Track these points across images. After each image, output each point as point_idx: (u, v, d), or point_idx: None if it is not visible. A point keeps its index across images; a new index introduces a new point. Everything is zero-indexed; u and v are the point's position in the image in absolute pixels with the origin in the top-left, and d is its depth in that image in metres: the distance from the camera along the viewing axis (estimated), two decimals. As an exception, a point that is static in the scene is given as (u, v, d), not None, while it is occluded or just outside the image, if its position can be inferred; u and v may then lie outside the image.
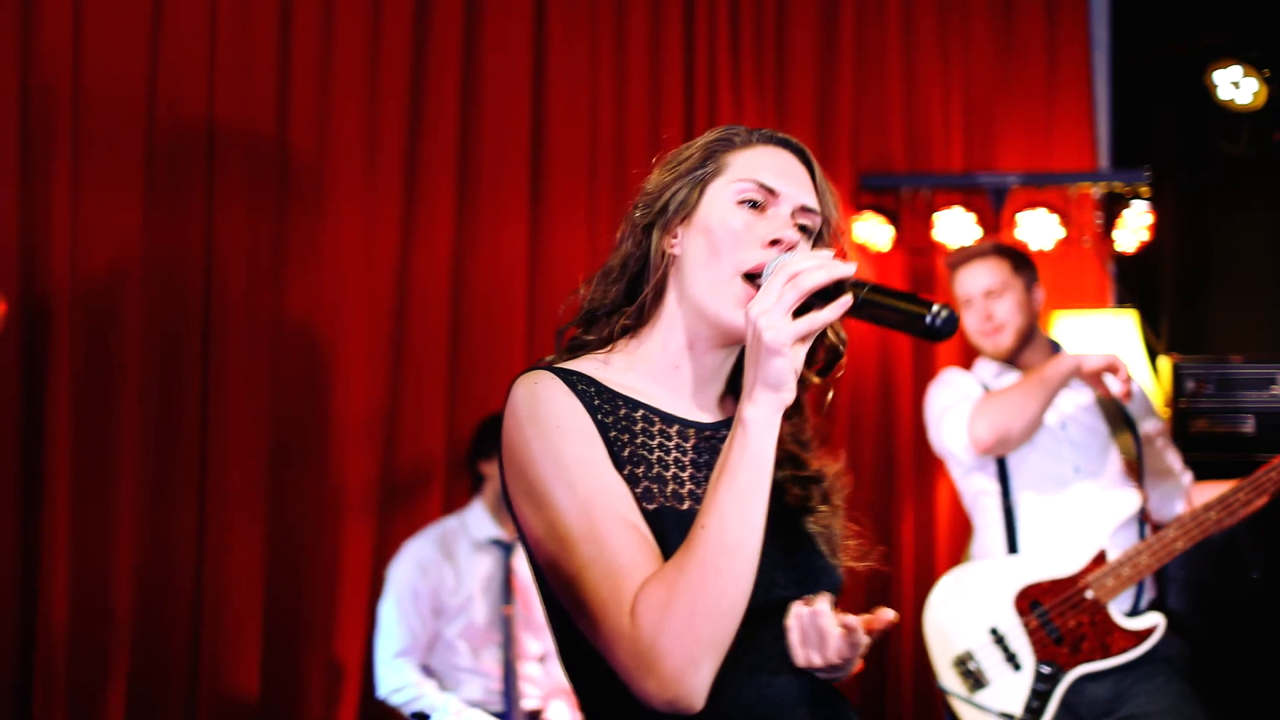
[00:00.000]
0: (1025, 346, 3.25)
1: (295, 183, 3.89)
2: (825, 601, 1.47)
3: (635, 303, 1.56)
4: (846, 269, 1.36)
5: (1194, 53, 4.47)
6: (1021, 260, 3.30)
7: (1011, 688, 3.02)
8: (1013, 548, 3.15)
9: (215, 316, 3.76)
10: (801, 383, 1.47)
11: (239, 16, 3.82)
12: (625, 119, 4.31)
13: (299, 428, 3.89)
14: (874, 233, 4.44)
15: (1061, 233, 4.39)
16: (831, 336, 1.59)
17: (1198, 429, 3.86)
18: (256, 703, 3.74)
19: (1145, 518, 3.19)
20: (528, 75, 4.19)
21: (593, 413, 1.45)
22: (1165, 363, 4.06)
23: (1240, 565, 3.81)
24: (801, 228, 1.54)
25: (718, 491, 1.34)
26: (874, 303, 1.36)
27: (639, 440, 1.48)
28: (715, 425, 1.57)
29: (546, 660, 3.57)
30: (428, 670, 3.53)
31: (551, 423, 1.42)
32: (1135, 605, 3.07)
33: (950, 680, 3.08)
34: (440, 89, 4.07)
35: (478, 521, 3.60)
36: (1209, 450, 3.69)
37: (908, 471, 4.49)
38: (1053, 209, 4.38)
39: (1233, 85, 4.37)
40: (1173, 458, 3.25)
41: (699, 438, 1.53)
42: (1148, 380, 4.01)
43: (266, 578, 3.79)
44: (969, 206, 4.41)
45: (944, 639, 3.11)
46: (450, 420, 4.01)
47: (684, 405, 1.56)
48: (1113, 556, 3.02)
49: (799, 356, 1.36)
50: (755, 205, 1.52)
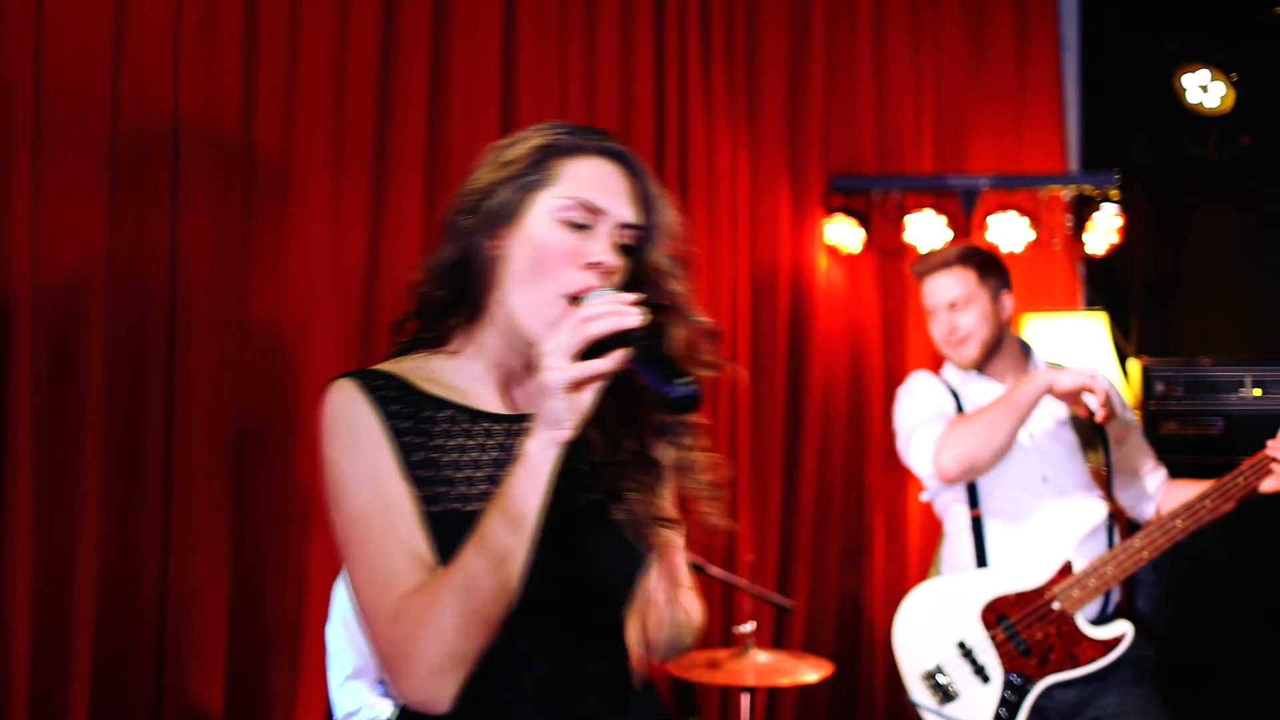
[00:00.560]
0: (993, 354, 3.24)
1: (261, 182, 3.84)
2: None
3: (463, 302, 1.58)
4: (631, 321, 1.38)
5: (1163, 56, 4.49)
6: (989, 267, 3.25)
7: (981, 700, 3.03)
8: (980, 558, 3.14)
9: (180, 318, 3.70)
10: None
11: (204, 13, 3.77)
12: (595, 119, 4.28)
13: (265, 431, 3.84)
14: (845, 235, 4.43)
15: (1032, 235, 4.40)
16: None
17: (1167, 431, 3.88)
18: (221, 712, 3.68)
19: (1120, 520, 3.19)
20: (497, 74, 4.16)
21: (388, 418, 1.49)
22: (1135, 365, 4.08)
23: (1208, 566, 3.83)
24: (624, 247, 1.55)
25: (489, 516, 1.39)
26: (637, 363, 1.38)
27: (435, 443, 1.52)
28: (526, 417, 1.58)
29: None
30: (384, 685, 3.47)
31: (342, 432, 1.49)
32: (1103, 611, 3.07)
33: (920, 694, 3.09)
34: (408, 88, 4.03)
35: None
36: (1178, 452, 3.71)
37: (878, 480, 4.49)
38: (1023, 211, 4.39)
39: (1201, 89, 4.39)
40: (1145, 456, 3.25)
41: (506, 433, 1.56)
42: (1117, 380, 4.01)
43: (231, 584, 3.74)
44: (940, 209, 4.42)
45: (913, 653, 3.12)
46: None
47: (496, 400, 1.59)
48: (1079, 566, 3.01)
49: (581, 399, 1.37)
50: (578, 225, 1.53)
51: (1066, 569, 3.02)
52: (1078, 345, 4.20)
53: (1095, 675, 3.00)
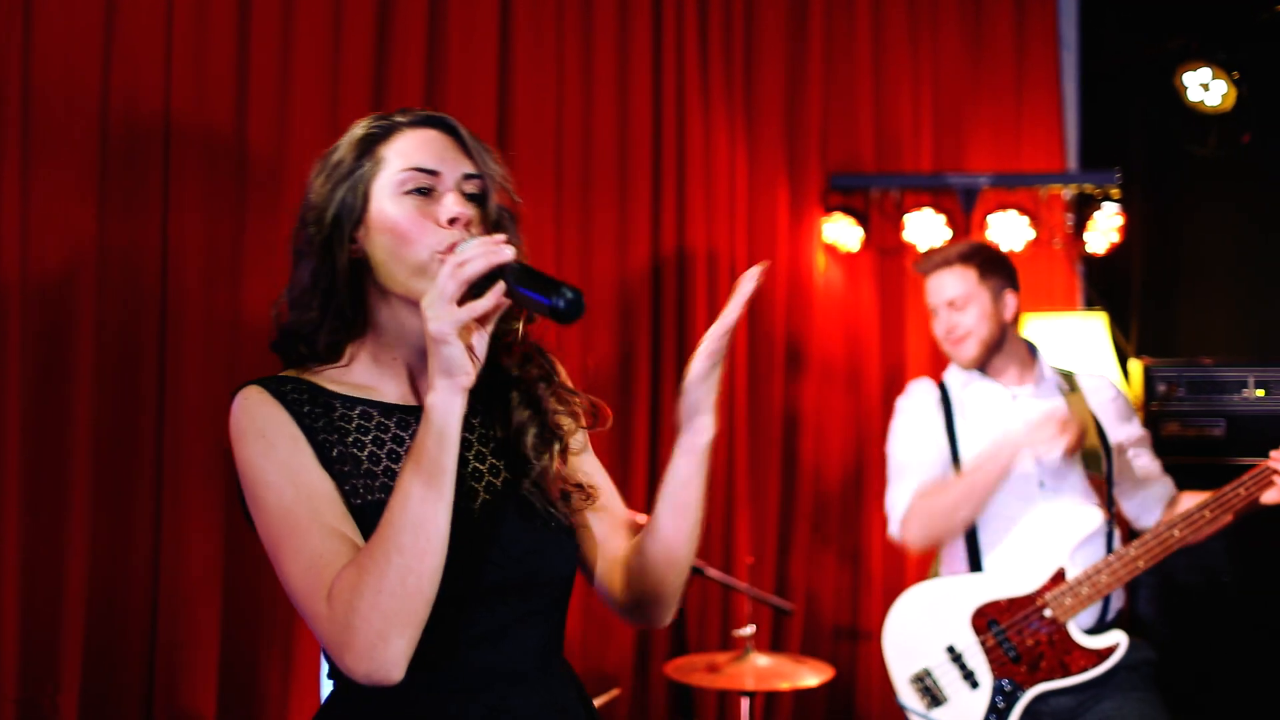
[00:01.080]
0: (995, 354, 3.21)
1: (254, 178, 3.79)
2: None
3: (338, 316, 1.60)
4: (506, 254, 1.41)
5: (1163, 54, 4.46)
6: (991, 266, 3.21)
7: (969, 705, 3.01)
8: (974, 562, 3.12)
9: (171, 315, 3.66)
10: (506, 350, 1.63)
11: (196, 8, 3.72)
12: (592, 119, 4.25)
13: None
14: (843, 234, 4.40)
15: (1032, 234, 4.37)
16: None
17: (1169, 432, 3.85)
18: (214, 714, 3.64)
19: (1122, 529, 3.16)
20: (493, 73, 4.12)
21: (301, 418, 1.53)
22: (1137, 366, 4.05)
23: (1211, 570, 3.81)
24: (470, 196, 1.59)
25: (403, 474, 1.42)
26: (517, 291, 1.41)
27: (350, 439, 1.56)
28: None
29: None
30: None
31: (254, 433, 1.52)
32: (1101, 618, 3.03)
33: (908, 697, 3.08)
34: (403, 86, 3.99)
35: None
36: (1181, 454, 3.69)
37: (877, 481, 4.45)
38: (1023, 210, 4.36)
39: (1202, 87, 4.36)
40: (1150, 465, 3.20)
41: (418, 423, 1.57)
42: (1120, 382, 3.98)
43: (225, 584, 3.70)
44: (939, 208, 4.39)
45: (901, 656, 3.11)
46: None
47: (410, 393, 1.64)
48: (1073, 574, 2.98)
49: (479, 343, 1.42)
50: (422, 191, 1.57)
51: (1059, 576, 2.99)
52: (1077, 345, 4.17)
53: (1092, 681, 2.97)
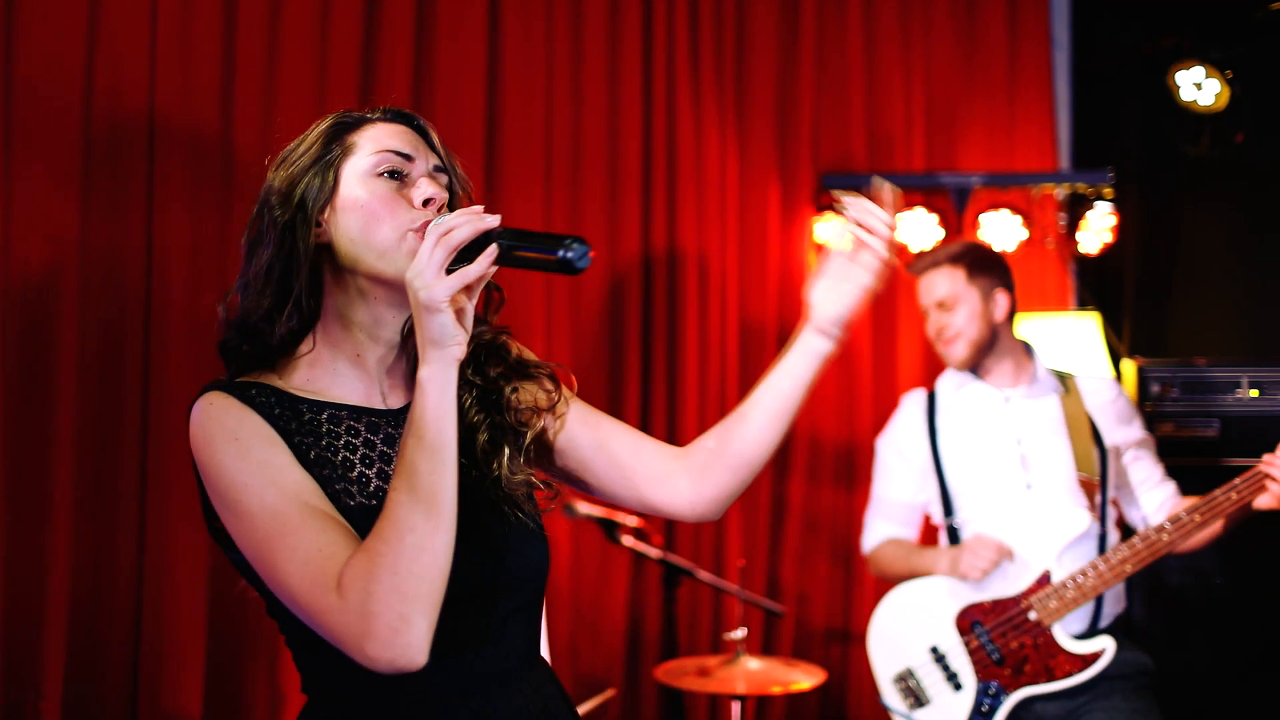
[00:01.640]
0: (987, 355, 3.18)
1: (240, 177, 3.76)
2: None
3: (295, 304, 1.55)
4: (491, 221, 1.40)
5: (1156, 53, 4.45)
6: (981, 266, 3.19)
7: (953, 707, 2.99)
8: None
9: (156, 316, 3.62)
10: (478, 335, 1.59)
11: (181, 5, 3.69)
12: (582, 118, 4.22)
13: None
14: (835, 233, 4.37)
15: (1024, 234, 4.35)
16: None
17: (1163, 433, 3.83)
18: (199, 719, 3.60)
19: (1119, 530, 3.13)
20: (482, 70, 4.08)
21: (273, 421, 1.49)
22: (1130, 366, 4.03)
23: (1203, 572, 3.78)
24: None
25: (405, 451, 1.39)
26: (516, 248, 1.40)
27: (324, 442, 1.52)
28: (408, 408, 1.55)
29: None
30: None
31: (228, 436, 1.46)
32: (1093, 623, 3.00)
33: (891, 697, 3.07)
34: (391, 84, 3.95)
35: None
36: (1175, 454, 3.66)
37: (869, 483, 4.41)
38: (1016, 210, 4.34)
39: (1195, 86, 4.35)
40: (1149, 471, 3.17)
41: (389, 426, 1.57)
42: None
43: (210, 589, 3.66)
44: (931, 207, 4.37)
45: (885, 656, 3.10)
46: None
47: (374, 395, 1.59)
48: (1059, 577, 2.95)
49: (466, 313, 1.40)
50: (394, 175, 1.55)
51: (1045, 578, 2.97)
52: (1070, 345, 4.15)
53: (1082, 688, 2.94)
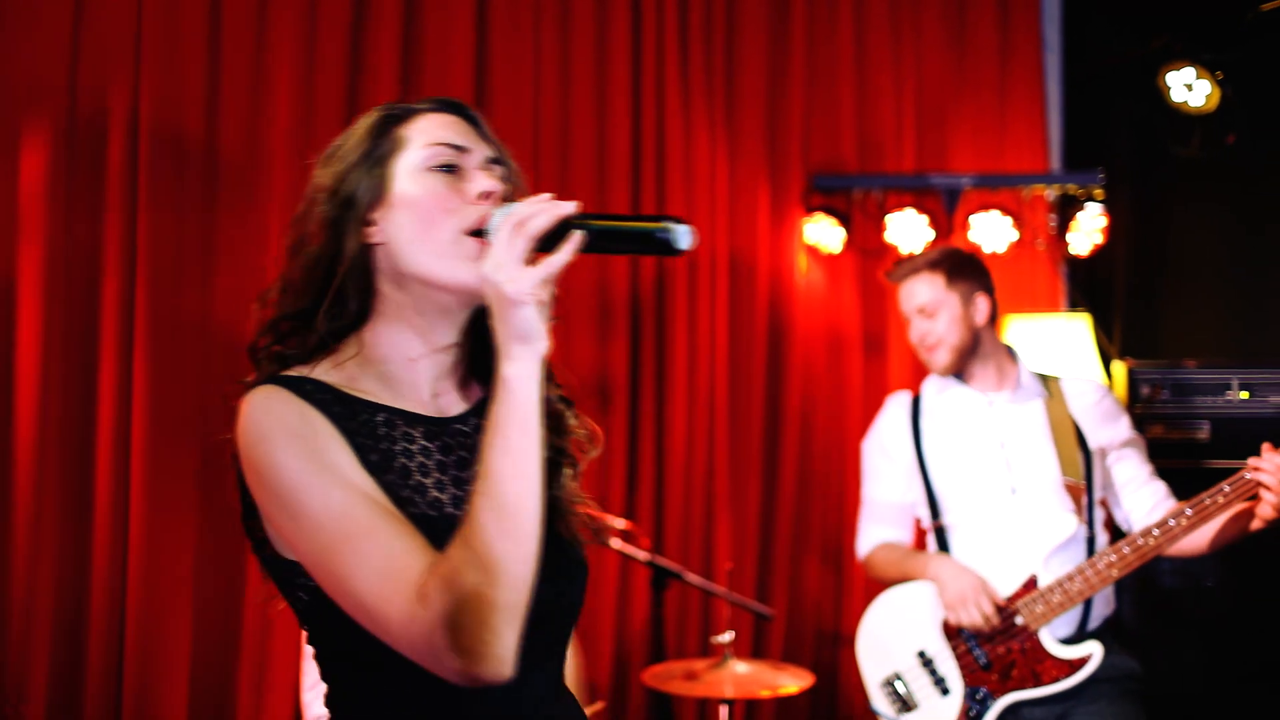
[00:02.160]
0: (971, 359, 3.15)
1: (225, 177, 3.74)
2: None
3: (336, 304, 1.49)
4: (569, 207, 1.34)
5: (1147, 55, 4.43)
6: (959, 270, 3.16)
7: (940, 712, 2.97)
8: None
9: (140, 319, 3.59)
10: None
11: (167, 5, 3.66)
12: (570, 119, 4.20)
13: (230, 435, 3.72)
14: (825, 234, 4.35)
15: (1015, 235, 4.33)
16: None
17: (1153, 435, 3.81)
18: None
19: (1108, 533, 3.11)
20: (469, 71, 4.07)
21: (333, 419, 1.40)
22: (1120, 368, 4.01)
23: (1195, 574, 3.77)
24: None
25: (489, 454, 1.31)
26: (606, 232, 1.35)
27: (382, 446, 1.43)
28: (461, 418, 1.51)
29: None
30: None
31: (288, 433, 1.37)
32: (1081, 627, 2.98)
33: (879, 701, 3.06)
34: (377, 83, 3.93)
35: None
36: (1165, 457, 3.64)
37: (859, 484, 4.40)
38: (1006, 211, 4.32)
39: (1186, 87, 4.33)
40: (1136, 469, 3.15)
41: (445, 435, 1.49)
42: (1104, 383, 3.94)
43: (195, 596, 3.63)
44: (921, 208, 4.35)
45: (873, 660, 3.09)
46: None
47: (424, 402, 1.51)
48: (1046, 581, 2.94)
49: (546, 307, 1.33)
50: (448, 169, 1.48)
51: (1031, 583, 2.95)
52: (1061, 347, 4.13)
53: (1068, 693, 2.93)
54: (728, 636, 3.35)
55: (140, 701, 3.54)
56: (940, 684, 2.99)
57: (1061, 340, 4.16)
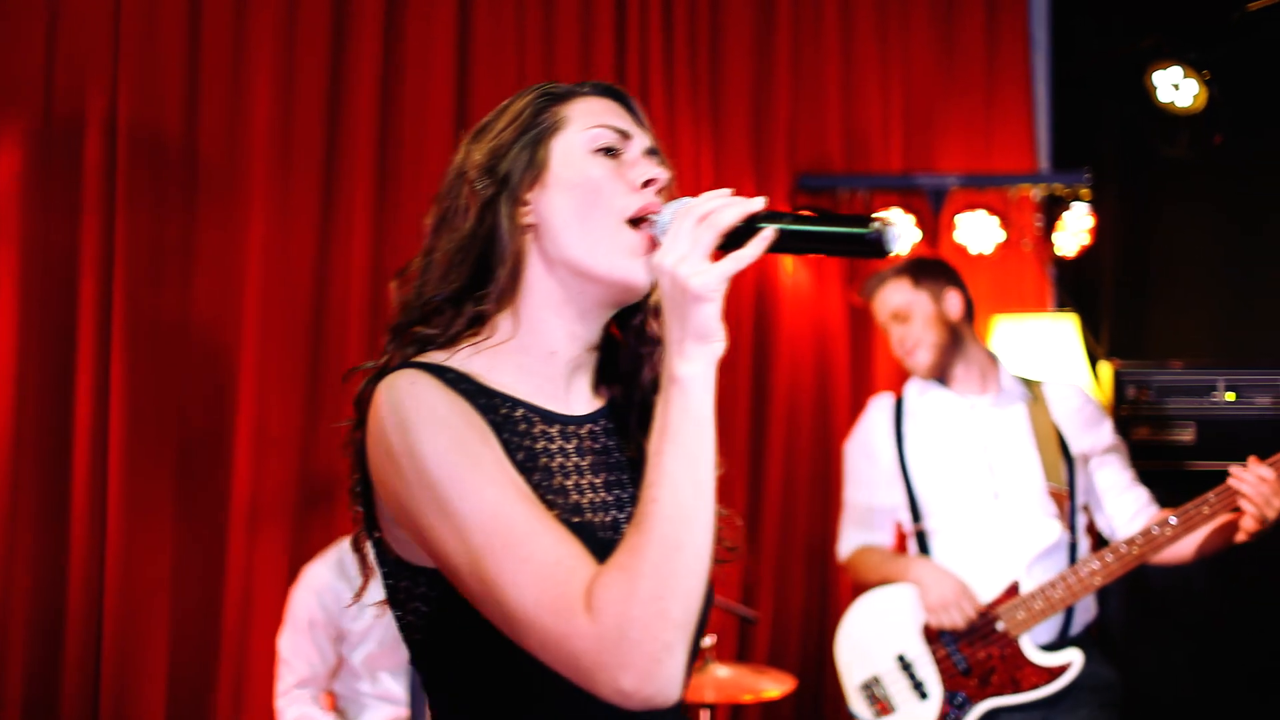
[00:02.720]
0: (951, 358, 3.13)
1: (204, 178, 3.70)
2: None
3: (488, 285, 1.39)
4: (756, 203, 1.27)
5: (1134, 54, 4.41)
6: (924, 270, 3.16)
7: (918, 716, 2.96)
8: None
9: (118, 321, 3.56)
10: None
11: (144, 2, 3.63)
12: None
13: (209, 437, 3.70)
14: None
15: (1001, 235, 4.31)
16: None
17: (1139, 436, 3.79)
18: (161, 730, 3.55)
19: (1092, 538, 3.09)
20: (451, 70, 4.03)
21: (480, 411, 1.30)
22: (1106, 369, 3.99)
23: (1184, 576, 3.74)
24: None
25: (663, 458, 1.23)
26: (802, 232, 1.27)
27: (526, 443, 1.34)
28: (592, 417, 1.44)
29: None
30: (334, 696, 3.35)
31: (437, 422, 1.26)
32: (1062, 634, 2.96)
33: (858, 705, 3.04)
34: (359, 82, 3.90)
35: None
36: (1151, 458, 3.62)
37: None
38: (992, 211, 4.30)
39: (1173, 87, 4.30)
40: (1116, 475, 3.13)
41: (578, 436, 1.41)
42: (1089, 385, 3.91)
43: (173, 598, 3.61)
44: (908, 208, 4.33)
45: (852, 663, 3.08)
46: (369, 429, 3.83)
47: (559, 399, 1.42)
48: (1028, 588, 2.92)
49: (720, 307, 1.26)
50: (610, 152, 1.41)
51: (1013, 589, 2.93)
52: (1048, 347, 4.10)
53: (1046, 701, 2.91)
54: (709, 640, 3.33)
55: (118, 703, 3.51)
56: (919, 688, 2.97)
57: (1049, 341, 4.14)
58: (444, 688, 1.37)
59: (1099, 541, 3.15)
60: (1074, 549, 3.01)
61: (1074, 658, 2.90)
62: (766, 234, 1.26)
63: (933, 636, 2.98)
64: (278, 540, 3.72)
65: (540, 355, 1.41)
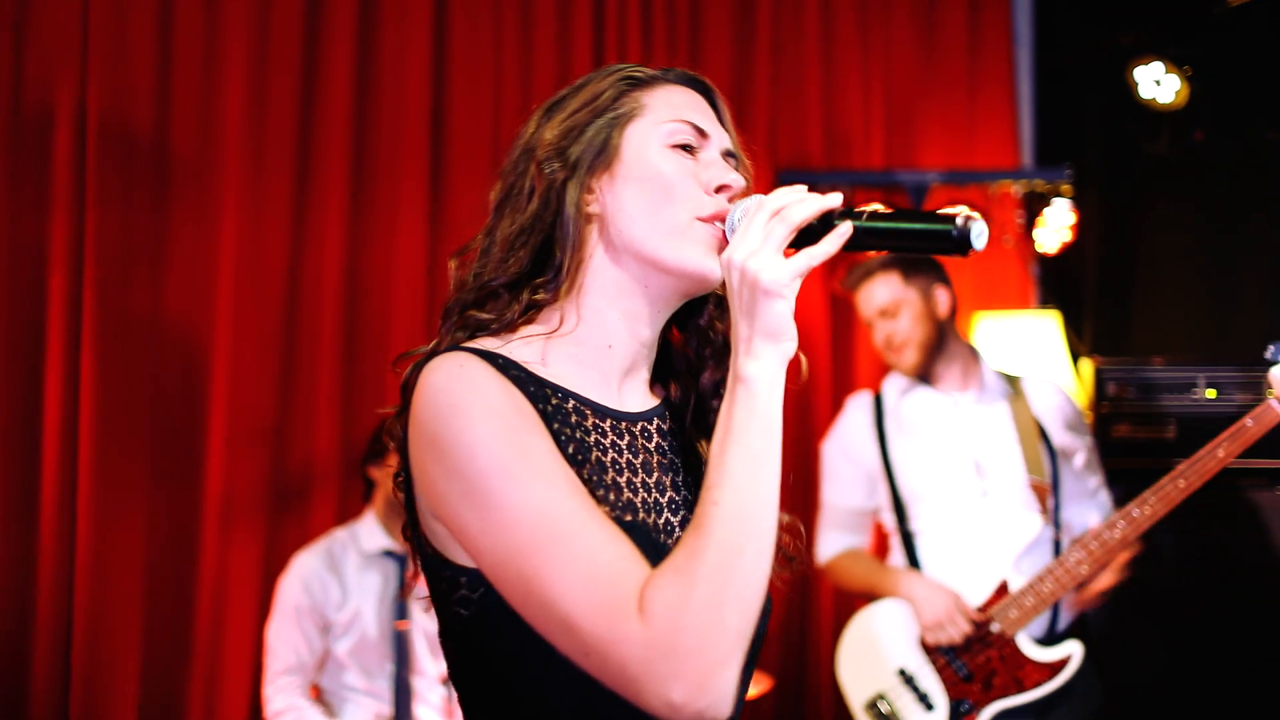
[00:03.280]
0: (936, 356, 3.10)
1: (176, 172, 3.66)
2: None
3: (549, 271, 1.34)
4: (834, 199, 1.23)
5: (1116, 50, 4.39)
6: (914, 266, 3.11)
7: None
8: None
9: (88, 317, 3.51)
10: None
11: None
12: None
13: (181, 435, 3.66)
14: (791, 231, 4.29)
15: (983, 232, 4.29)
16: None
17: (1120, 434, 3.76)
18: (132, 729, 3.50)
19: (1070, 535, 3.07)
20: (427, 64, 3.99)
21: (532, 401, 1.25)
22: (1088, 366, 3.97)
23: (1160, 567, 3.72)
24: None
25: (727, 459, 1.18)
26: (881, 229, 1.22)
27: (577, 435, 1.27)
28: (646, 416, 1.38)
29: (450, 682, 3.35)
30: (319, 690, 3.32)
31: (487, 410, 1.20)
32: (1051, 629, 2.94)
33: None
34: (333, 77, 3.86)
35: (368, 533, 3.39)
36: (1132, 455, 3.59)
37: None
38: (974, 207, 4.27)
39: (1154, 83, 4.30)
40: (1090, 475, 3.11)
41: (631, 434, 1.35)
42: (1069, 383, 3.89)
43: (145, 596, 3.56)
44: (888, 204, 4.29)
45: (855, 682, 3.05)
46: (344, 425, 3.79)
47: (613, 393, 1.36)
48: (1016, 585, 2.89)
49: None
50: (687, 149, 1.36)
51: (1003, 588, 2.90)
52: (1030, 344, 4.08)
53: (1041, 703, 2.89)
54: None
55: (88, 700, 3.47)
56: (924, 700, 2.93)
57: (1031, 338, 4.11)
58: (479, 697, 1.31)
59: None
60: (1057, 543, 2.99)
61: (1074, 649, 2.88)
62: (843, 230, 1.21)
63: (930, 647, 2.95)
64: (251, 537, 3.68)
65: (596, 348, 1.35)
